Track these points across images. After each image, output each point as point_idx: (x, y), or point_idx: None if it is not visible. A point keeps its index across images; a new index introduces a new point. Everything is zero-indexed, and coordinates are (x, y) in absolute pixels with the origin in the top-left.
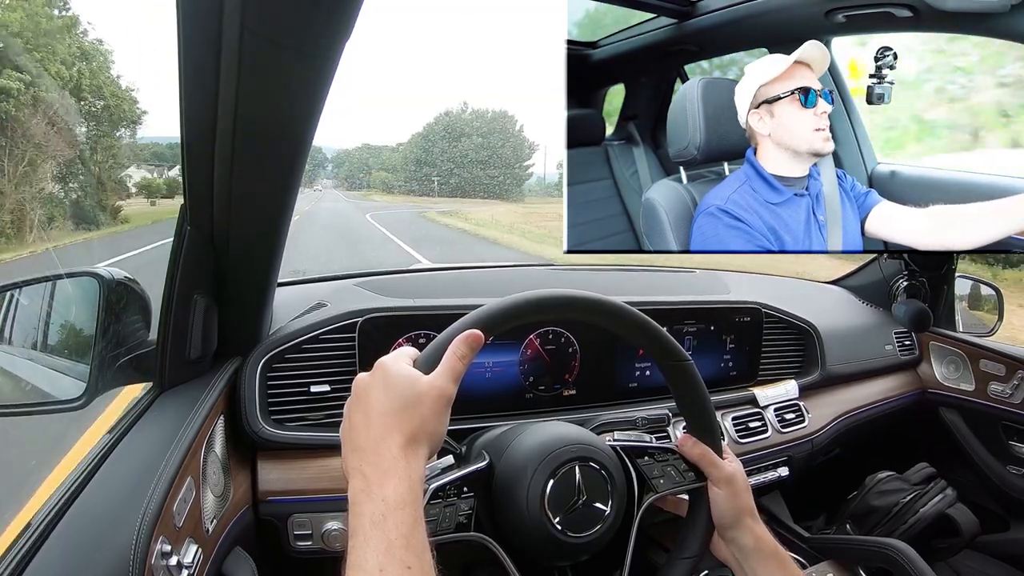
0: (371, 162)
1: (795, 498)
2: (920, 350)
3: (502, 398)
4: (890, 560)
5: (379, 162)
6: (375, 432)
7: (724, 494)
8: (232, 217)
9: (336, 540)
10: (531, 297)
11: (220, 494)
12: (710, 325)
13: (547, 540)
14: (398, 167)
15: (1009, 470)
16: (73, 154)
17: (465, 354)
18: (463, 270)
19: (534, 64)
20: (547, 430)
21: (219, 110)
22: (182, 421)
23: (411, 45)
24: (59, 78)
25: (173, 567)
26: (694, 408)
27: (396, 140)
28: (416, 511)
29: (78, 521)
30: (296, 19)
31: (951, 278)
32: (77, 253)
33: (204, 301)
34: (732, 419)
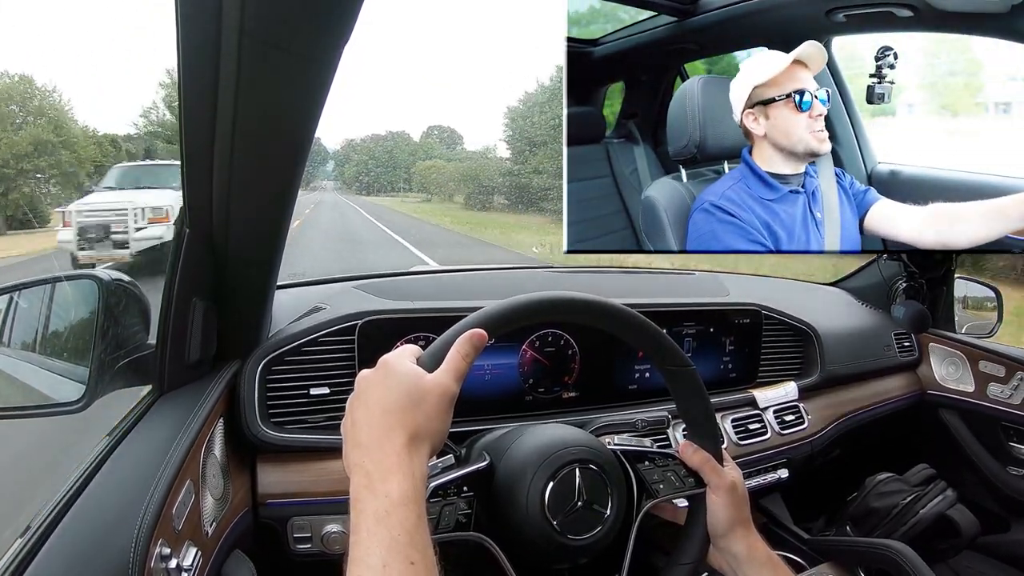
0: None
1: (795, 500)
2: (920, 351)
3: (502, 400)
4: (890, 561)
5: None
6: (378, 429)
7: (723, 502)
8: (231, 220)
9: (336, 543)
10: (534, 298)
11: (220, 497)
12: (709, 327)
13: (546, 542)
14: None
15: (1009, 471)
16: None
17: (469, 353)
18: (463, 272)
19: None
20: (547, 432)
21: (218, 113)
22: (181, 424)
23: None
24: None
25: (172, 570)
26: (696, 414)
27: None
28: (419, 508)
29: (77, 524)
30: (295, 22)
31: (950, 279)
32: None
33: (203, 304)
34: (731, 421)
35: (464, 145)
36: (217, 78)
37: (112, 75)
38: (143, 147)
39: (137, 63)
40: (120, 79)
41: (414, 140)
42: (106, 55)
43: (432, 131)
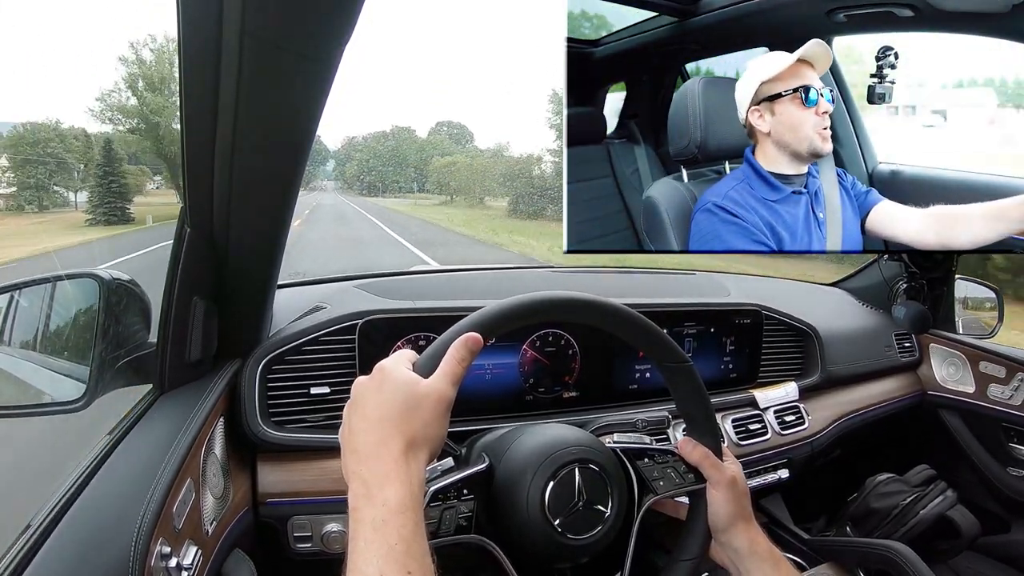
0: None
1: (795, 500)
2: (920, 352)
3: (502, 400)
4: (890, 562)
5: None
6: (375, 436)
7: (723, 497)
8: (232, 219)
9: (336, 542)
10: (530, 299)
11: (220, 496)
12: (710, 327)
13: (547, 542)
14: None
15: (1009, 472)
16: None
17: (464, 357)
18: (463, 272)
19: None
20: (547, 432)
21: (219, 113)
22: (182, 423)
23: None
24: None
25: (173, 569)
26: (694, 410)
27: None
28: (417, 515)
29: (78, 523)
30: (296, 22)
31: (951, 280)
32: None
33: (204, 303)
34: (732, 421)
35: (475, 142)
36: (218, 78)
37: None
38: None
39: (91, 36)
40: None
41: (420, 136)
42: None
43: (441, 127)
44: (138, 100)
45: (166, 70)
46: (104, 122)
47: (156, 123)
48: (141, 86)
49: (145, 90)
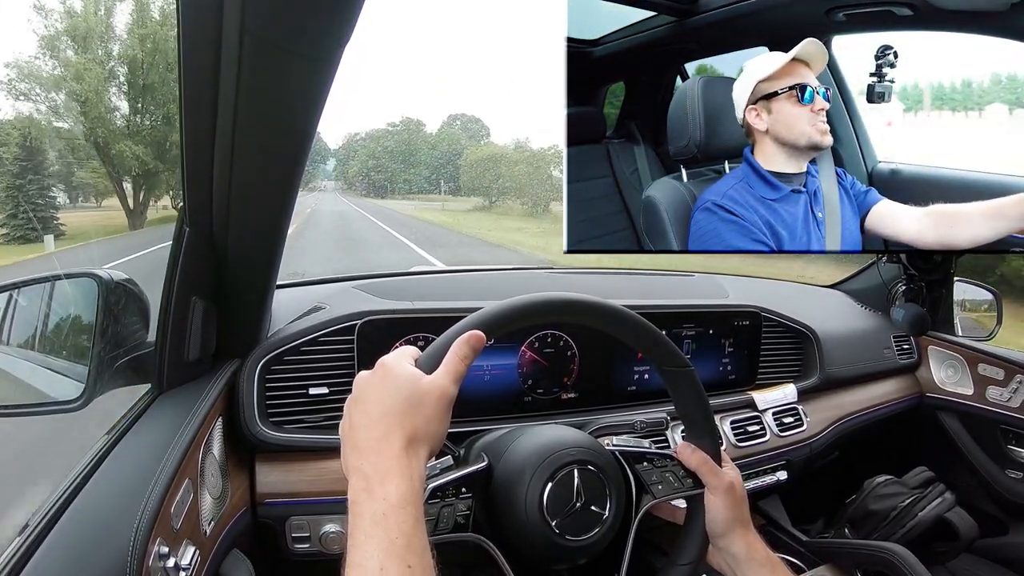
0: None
1: (793, 502)
2: (919, 354)
3: (501, 401)
4: (888, 564)
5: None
6: (376, 431)
7: (721, 503)
8: (231, 219)
9: (334, 542)
10: (533, 300)
11: (218, 496)
12: (709, 329)
13: (545, 543)
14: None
15: (1008, 474)
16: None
17: (467, 355)
18: (462, 273)
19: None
20: (546, 433)
21: (219, 112)
22: (180, 423)
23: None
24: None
25: (170, 569)
26: (694, 415)
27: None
28: (417, 511)
29: (75, 523)
30: (296, 22)
31: (950, 282)
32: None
33: (203, 303)
34: (730, 423)
35: (491, 137)
36: (218, 78)
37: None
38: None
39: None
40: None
41: (429, 131)
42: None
43: (455, 120)
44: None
45: (93, 19)
46: (17, 97)
47: (84, 97)
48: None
49: (69, 49)
